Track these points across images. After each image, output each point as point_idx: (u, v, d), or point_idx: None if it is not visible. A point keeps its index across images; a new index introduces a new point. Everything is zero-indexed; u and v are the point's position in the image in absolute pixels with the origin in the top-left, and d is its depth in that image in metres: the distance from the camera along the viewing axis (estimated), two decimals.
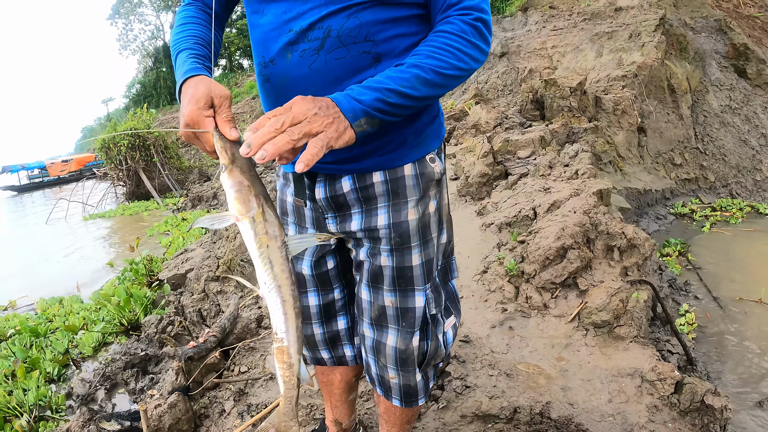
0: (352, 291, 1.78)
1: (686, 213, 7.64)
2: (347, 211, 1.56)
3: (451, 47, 1.27)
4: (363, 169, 1.50)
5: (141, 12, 51.14)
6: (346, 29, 1.32)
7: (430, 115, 1.55)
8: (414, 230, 1.52)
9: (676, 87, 9.39)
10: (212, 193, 12.73)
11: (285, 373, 1.21)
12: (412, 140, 1.49)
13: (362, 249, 1.60)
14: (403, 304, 1.57)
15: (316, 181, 1.56)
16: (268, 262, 1.13)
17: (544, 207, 4.43)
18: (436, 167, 1.56)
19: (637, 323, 3.25)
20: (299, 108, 1.10)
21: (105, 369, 4.15)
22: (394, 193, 1.51)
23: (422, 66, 1.24)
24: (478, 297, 3.84)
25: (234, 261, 5.15)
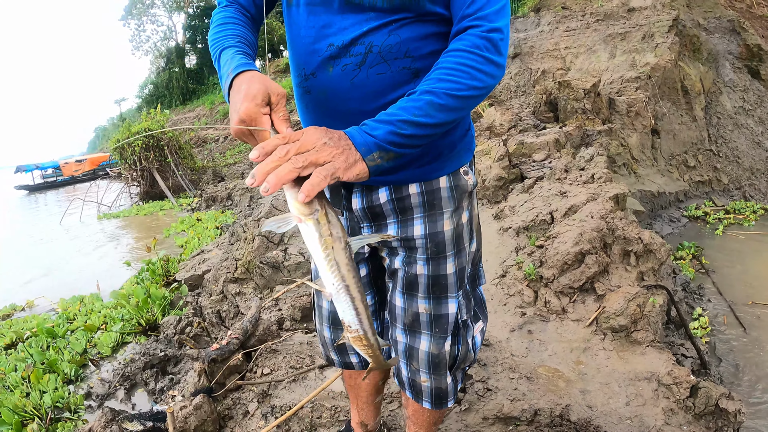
0: (383, 297, 1.83)
1: (699, 216, 7.63)
2: (383, 221, 1.61)
3: (465, 66, 1.27)
4: (399, 180, 1.54)
5: (153, 13, 51.22)
6: (387, 45, 1.36)
7: (463, 129, 1.60)
8: (449, 240, 1.58)
9: (690, 88, 9.38)
10: (226, 194, 12.75)
11: (366, 351, 1.30)
12: (447, 153, 1.55)
13: (397, 258, 1.64)
14: (436, 311, 1.62)
15: (352, 192, 1.61)
16: (334, 264, 1.14)
17: (561, 211, 4.49)
18: (469, 179, 1.62)
19: (653, 328, 3.30)
20: (309, 137, 1.10)
21: (124, 369, 4.22)
22: (430, 205, 1.56)
23: (435, 91, 1.23)
24: (498, 301, 3.90)
25: (253, 263, 5.19)
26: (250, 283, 5.12)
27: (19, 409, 3.73)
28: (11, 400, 3.80)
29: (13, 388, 4.14)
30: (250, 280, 5.13)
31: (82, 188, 27.41)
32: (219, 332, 4.53)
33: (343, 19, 1.39)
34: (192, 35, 50.24)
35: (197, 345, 4.36)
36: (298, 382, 3.18)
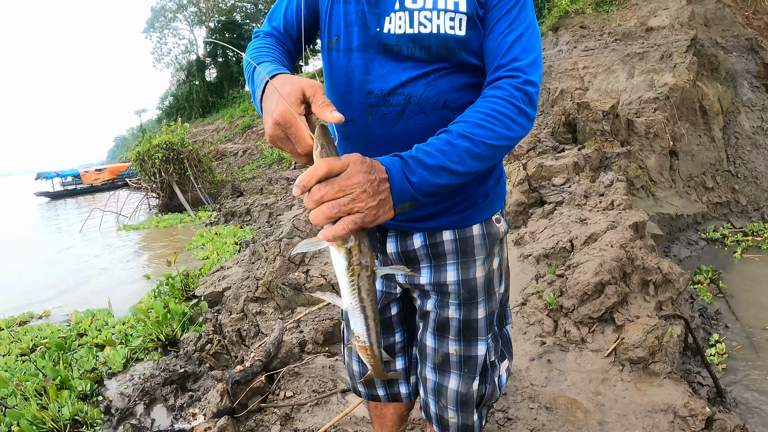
0: (411, 335, 1.89)
1: (718, 238, 7.59)
2: (416, 264, 1.67)
3: (501, 114, 1.32)
4: (434, 227, 1.61)
5: (175, 26, 51.73)
6: (426, 96, 1.43)
7: (496, 177, 1.67)
8: (481, 286, 1.64)
9: (708, 108, 9.36)
10: (245, 209, 12.85)
11: (370, 360, 1.41)
12: (480, 202, 1.61)
13: (429, 300, 1.70)
14: (466, 353, 1.68)
15: (387, 236, 1.68)
16: (356, 288, 1.21)
17: (581, 239, 4.54)
18: (501, 227, 1.69)
19: (670, 359, 3.34)
20: (350, 179, 1.08)
21: (144, 384, 4.26)
22: (462, 252, 1.62)
23: (473, 138, 1.27)
24: (518, 329, 3.95)
25: (274, 283, 5.23)
26: (271, 303, 5.16)
27: (38, 421, 3.78)
28: (30, 411, 3.85)
29: (29, 398, 4.21)
30: (271, 299, 5.17)
31: (101, 197, 27.78)
32: (239, 351, 4.58)
33: (382, 66, 1.46)
34: (213, 49, 50.67)
35: (217, 363, 4.42)
36: (321, 406, 3.23)
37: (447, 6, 1.41)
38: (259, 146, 24.87)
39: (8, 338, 5.84)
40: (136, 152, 16.89)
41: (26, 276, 9.91)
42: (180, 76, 52.70)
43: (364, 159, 1.13)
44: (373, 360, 1.39)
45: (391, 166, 1.19)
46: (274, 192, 14.50)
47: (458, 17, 1.41)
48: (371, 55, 1.48)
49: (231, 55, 50.92)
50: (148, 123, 57.48)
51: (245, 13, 52.11)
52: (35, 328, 6.11)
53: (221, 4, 50.74)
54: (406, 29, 1.43)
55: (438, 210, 1.58)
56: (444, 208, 1.58)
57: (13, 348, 5.52)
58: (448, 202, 1.57)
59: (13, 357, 5.27)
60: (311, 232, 6.08)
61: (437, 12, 1.41)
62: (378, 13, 1.47)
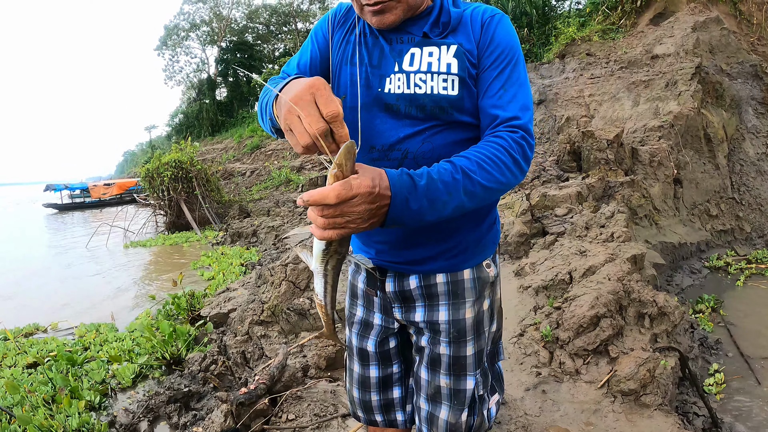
0: (408, 366, 2.00)
1: (721, 266, 7.59)
2: (412, 303, 1.80)
3: (499, 160, 1.43)
4: (428, 270, 1.74)
5: (187, 45, 52.22)
6: (421, 152, 1.57)
7: (489, 223, 1.79)
8: (470, 327, 1.76)
9: (713, 136, 9.44)
10: (252, 231, 12.92)
11: (324, 317, 1.56)
12: (472, 248, 1.74)
13: (423, 337, 1.83)
14: (456, 386, 1.79)
15: (386, 276, 1.81)
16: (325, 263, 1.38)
17: (579, 271, 4.64)
18: (491, 272, 1.81)
19: (662, 390, 3.42)
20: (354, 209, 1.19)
21: (149, 401, 4.32)
22: (454, 294, 1.75)
23: (471, 176, 1.38)
24: (514, 359, 4.05)
25: (279, 307, 5.33)
26: (276, 326, 5.26)
27: (45, 429, 3.86)
28: (38, 419, 3.92)
29: (38, 407, 4.28)
30: (276, 323, 5.26)
31: (108, 212, 27.82)
32: (243, 372, 4.64)
33: (383, 123, 1.61)
34: (224, 68, 51.10)
35: (221, 383, 4.48)
36: (322, 430, 3.31)
37: (440, 69, 1.55)
38: (267, 167, 25.05)
39: (14, 349, 5.92)
40: (146, 169, 17.01)
41: (31, 288, 10.01)
42: (191, 94, 53.18)
43: (373, 189, 1.21)
44: (326, 317, 1.55)
45: (398, 192, 1.27)
46: (281, 214, 14.57)
47: (450, 78, 1.55)
48: (374, 113, 1.62)
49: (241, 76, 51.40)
50: (158, 139, 57.89)
51: (257, 34, 52.64)
52: (41, 341, 6.16)
53: (233, 25, 51.33)
54: (403, 90, 1.57)
55: (432, 254, 1.71)
56: (438, 253, 1.71)
57: (20, 359, 5.59)
58: (443, 247, 1.70)
59: (19, 368, 5.33)
60: None
61: (431, 74, 1.55)
62: (380, 74, 1.62)
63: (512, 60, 1.58)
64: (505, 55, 1.58)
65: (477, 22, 1.62)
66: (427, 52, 1.59)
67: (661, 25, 12.85)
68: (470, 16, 1.64)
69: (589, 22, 15.21)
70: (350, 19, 1.78)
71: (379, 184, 1.23)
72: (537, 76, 14.03)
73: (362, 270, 1.92)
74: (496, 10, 1.65)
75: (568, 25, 15.21)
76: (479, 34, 1.60)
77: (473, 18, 1.63)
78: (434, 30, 1.61)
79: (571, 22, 15.37)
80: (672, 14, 13.09)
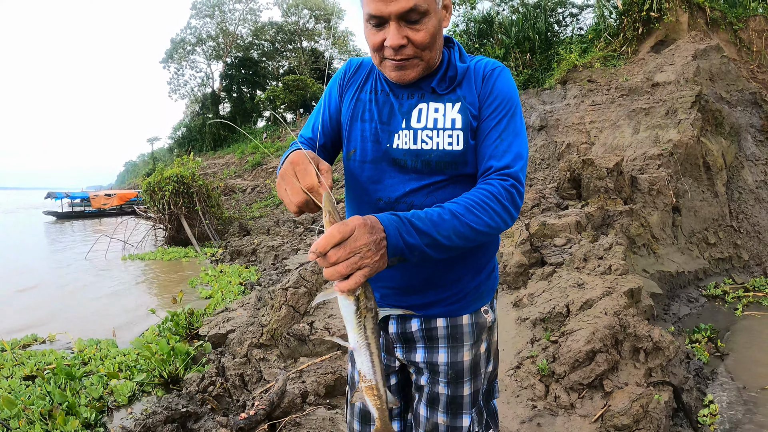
0: (408, 403, 2.10)
1: (718, 294, 7.59)
2: (413, 345, 1.90)
3: (488, 205, 1.52)
4: (429, 315, 1.84)
5: (193, 59, 52.77)
6: (425, 205, 1.64)
7: (488, 272, 1.90)
8: (467, 368, 1.86)
9: (712, 164, 9.50)
10: (251, 249, 12.93)
11: (376, 402, 1.50)
12: (471, 296, 1.85)
13: (422, 377, 1.93)
14: (453, 423, 1.89)
15: (389, 318, 1.91)
16: (362, 328, 1.39)
17: (577, 304, 4.73)
18: (488, 317, 1.90)
19: (655, 425, 3.50)
20: (358, 241, 1.27)
21: (146, 420, 4.29)
22: (453, 338, 1.85)
23: (460, 218, 1.45)
24: (511, 392, 4.12)
25: (278, 331, 5.38)
26: (275, 350, 5.31)
27: None
28: None
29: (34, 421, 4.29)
30: (275, 347, 5.32)
31: (107, 222, 27.92)
32: (241, 395, 4.66)
33: (390, 177, 1.73)
34: (228, 84, 51.50)
35: (219, 405, 4.51)
36: None
37: (445, 125, 1.67)
38: (267, 185, 25.18)
39: (11, 360, 5.90)
40: (147, 183, 17.02)
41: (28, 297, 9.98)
42: (194, 107, 53.65)
43: (365, 221, 1.32)
44: (380, 402, 1.49)
45: (388, 225, 1.37)
46: (281, 234, 14.60)
47: (455, 134, 1.66)
48: (382, 167, 1.75)
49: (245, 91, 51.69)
50: (160, 151, 58.25)
51: (262, 51, 53.13)
52: (39, 353, 6.15)
53: (239, 41, 51.83)
54: (410, 146, 1.70)
55: (434, 300, 1.81)
56: (439, 300, 1.81)
57: (17, 371, 5.58)
58: (443, 294, 1.81)
59: (16, 380, 5.32)
60: (317, 282, 6.25)
61: (437, 131, 1.67)
62: (389, 131, 1.74)
63: (510, 111, 1.68)
64: (504, 105, 1.68)
65: (479, 74, 1.72)
66: (433, 108, 1.70)
67: (662, 53, 12.99)
68: (473, 68, 1.74)
69: (591, 48, 15.40)
70: (361, 76, 1.89)
71: (369, 219, 1.34)
72: (539, 102, 14.16)
73: None
74: (498, 63, 1.76)
75: (570, 51, 15.37)
76: (480, 86, 1.70)
77: (476, 70, 1.73)
78: (441, 85, 1.71)
79: (573, 48, 15.55)
80: (673, 42, 13.24)
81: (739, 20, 13.58)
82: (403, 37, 1.56)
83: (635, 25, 14.15)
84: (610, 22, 15.39)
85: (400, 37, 1.56)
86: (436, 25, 1.59)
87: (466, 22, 19.81)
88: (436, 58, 1.68)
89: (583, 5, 19.02)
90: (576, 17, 19.35)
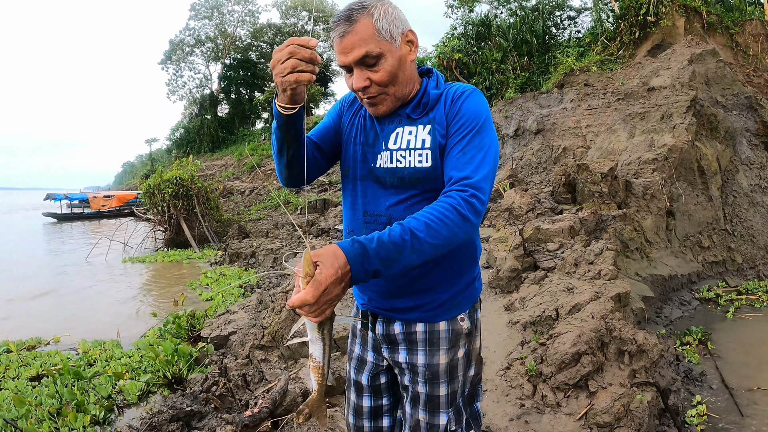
0: (397, 400, 2.29)
1: (711, 297, 7.62)
2: (396, 346, 2.10)
3: (447, 218, 1.66)
4: (410, 319, 2.04)
5: (192, 60, 52.73)
6: (402, 218, 1.80)
7: (466, 282, 2.08)
8: (443, 371, 2.04)
9: (706, 168, 9.61)
10: (251, 252, 13.01)
11: (318, 378, 1.73)
12: (448, 304, 2.03)
13: (405, 377, 2.11)
14: (431, 421, 2.06)
15: (377, 320, 2.12)
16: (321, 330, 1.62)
17: (566, 308, 4.92)
18: (464, 325, 2.07)
19: (636, 423, 3.66)
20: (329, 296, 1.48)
21: (152, 419, 4.41)
22: (430, 342, 2.03)
23: (419, 236, 1.61)
24: (500, 391, 4.31)
25: (279, 333, 5.52)
26: (276, 351, 5.46)
27: None
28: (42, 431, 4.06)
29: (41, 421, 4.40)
30: (276, 348, 5.46)
31: (106, 224, 28.07)
32: (243, 394, 4.78)
33: (374, 192, 1.98)
34: (227, 85, 51.48)
35: (222, 404, 4.64)
36: None
37: (416, 145, 1.89)
38: (266, 187, 25.26)
39: (17, 361, 5.97)
40: (147, 185, 17.09)
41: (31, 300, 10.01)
42: (193, 109, 53.51)
43: (336, 274, 1.49)
44: (321, 378, 1.73)
45: (353, 261, 1.54)
46: (280, 237, 14.70)
47: (425, 153, 1.87)
48: (368, 183, 2.00)
49: (244, 93, 51.75)
50: (158, 152, 58.17)
51: (261, 52, 53.12)
52: (44, 354, 6.22)
53: (238, 42, 51.88)
54: (388, 164, 1.94)
55: (411, 306, 2.02)
56: (416, 305, 2.01)
57: (23, 372, 5.65)
58: (420, 301, 2.01)
59: (23, 381, 5.40)
60: None
61: (409, 151, 1.90)
62: (374, 152, 1.99)
63: (475, 128, 1.85)
64: (469, 123, 1.86)
65: (449, 97, 1.93)
66: (407, 131, 1.93)
67: (658, 57, 13.11)
68: (446, 93, 1.95)
69: (588, 52, 15.51)
70: (356, 105, 2.14)
71: (339, 266, 1.52)
72: (536, 106, 14.30)
73: (359, 314, 2.23)
74: (469, 87, 1.95)
75: (567, 55, 15.51)
76: (449, 107, 1.90)
77: (447, 95, 1.94)
78: (416, 111, 1.94)
79: (570, 52, 15.67)
80: (669, 46, 13.37)
81: (736, 24, 13.72)
82: (366, 79, 1.82)
83: (632, 29, 14.29)
84: (607, 26, 15.49)
85: (362, 79, 1.82)
86: (395, 64, 1.83)
87: (464, 24, 19.93)
88: (403, 90, 1.91)
89: (581, 8, 19.14)
90: (574, 20, 19.46)
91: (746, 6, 14.25)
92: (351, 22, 1.77)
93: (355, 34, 1.77)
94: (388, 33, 1.80)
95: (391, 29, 1.80)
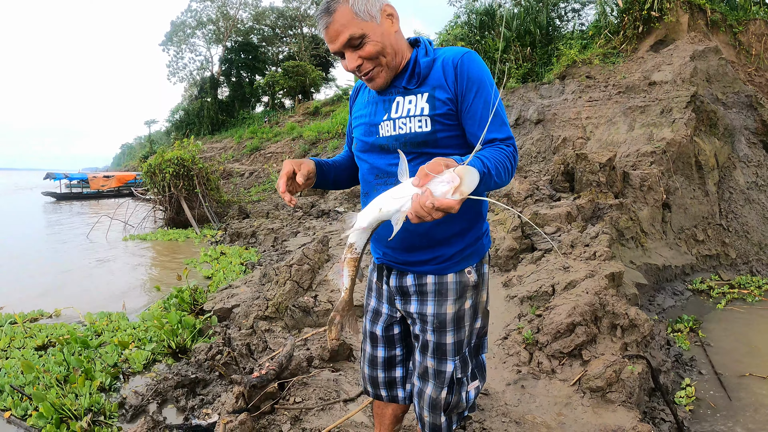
0: (410, 351, 2.48)
1: (704, 289, 7.74)
2: (409, 297, 2.29)
3: (508, 162, 1.90)
4: (421, 272, 2.23)
5: (193, 42, 52.48)
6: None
7: (475, 237, 2.26)
8: (450, 320, 2.22)
9: (704, 163, 9.73)
10: (251, 231, 13.11)
11: (352, 273, 1.91)
12: (456, 258, 2.21)
13: (416, 326, 2.30)
14: (438, 368, 2.25)
15: (391, 273, 2.32)
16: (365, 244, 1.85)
17: (561, 285, 5.14)
18: (471, 278, 2.25)
19: (627, 391, 3.88)
20: None
21: (157, 385, 4.55)
22: (439, 293, 2.22)
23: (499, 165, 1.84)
24: (498, 359, 4.54)
25: (283, 304, 5.70)
26: (280, 322, 5.62)
27: (58, 407, 4.04)
28: (50, 397, 4.12)
29: (48, 387, 4.48)
30: (280, 319, 5.63)
31: (106, 203, 27.95)
32: (247, 363, 4.89)
33: (381, 158, 2.20)
34: (227, 68, 51.26)
35: (227, 372, 4.77)
36: (326, 411, 3.71)
37: (416, 113, 2.08)
38: (265, 170, 25.31)
39: (22, 333, 6.02)
40: (148, 164, 17.05)
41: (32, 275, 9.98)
42: (193, 91, 53.31)
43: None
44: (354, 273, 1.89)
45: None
46: (280, 217, 14.77)
47: (424, 119, 2.07)
48: (376, 151, 2.22)
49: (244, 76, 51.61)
50: (157, 134, 58.06)
51: (263, 35, 52.96)
52: (49, 326, 6.28)
53: (240, 25, 51.62)
54: (391, 132, 2.14)
55: (424, 260, 2.21)
56: (428, 259, 2.20)
57: (29, 342, 5.72)
58: (432, 254, 2.20)
59: (29, 350, 5.47)
60: (320, 260, 6.62)
61: (410, 118, 2.09)
62: (376, 123, 2.19)
63: (490, 90, 2.09)
64: (483, 87, 2.07)
65: (449, 67, 2.10)
66: (407, 100, 2.13)
67: (660, 52, 13.13)
68: (441, 62, 2.13)
69: (591, 44, 15.55)
70: (359, 91, 2.42)
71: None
72: (537, 96, 14.37)
73: (375, 268, 2.44)
74: (462, 50, 2.13)
75: (570, 47, 15.52)
76: (454, 78, 2.08)
77: (444, 65, 2.12)
78: (411, 81, 2.14)
79: (573, 44, 15.70)
80: (672, 42, 13.38)
81: (739, 23, 13.73)
82: (357, 59, 2.03)
83: (635, 24, 14.31)
84: (611, 20, 15.49)
85: (354, 60, 2.03)
86: (379, 38, 2.03)
87: (467, 13, 19.89)
88: (395, 59, 2.10)
89: (585, 1, 19.08)
90: (578, 12, 19.42)
91: (750, 5, 14.27)
92: (330, 12, 1.97)
93: (336, 22, 1.97)
94: (367, 13, 1.99)
95: (368, 9, 2.00)
